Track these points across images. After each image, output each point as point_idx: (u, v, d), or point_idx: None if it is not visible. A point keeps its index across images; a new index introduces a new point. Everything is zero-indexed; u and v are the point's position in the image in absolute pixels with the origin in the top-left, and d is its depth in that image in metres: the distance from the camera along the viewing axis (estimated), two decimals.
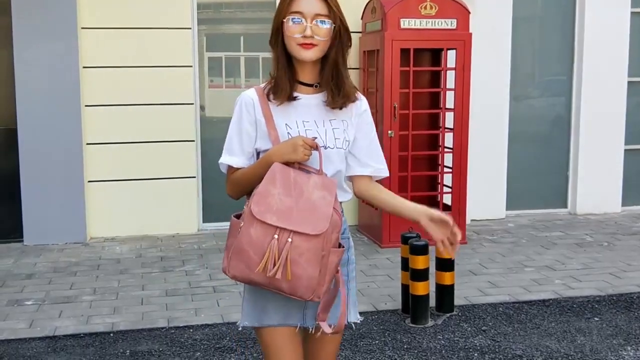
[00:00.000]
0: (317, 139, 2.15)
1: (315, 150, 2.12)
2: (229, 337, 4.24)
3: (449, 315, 4.58)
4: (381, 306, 4.73)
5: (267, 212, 2.03)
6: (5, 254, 6.12)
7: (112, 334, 4.29)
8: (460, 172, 6.33)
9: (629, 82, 7.60)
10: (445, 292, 4.59)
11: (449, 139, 6.39)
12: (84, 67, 6.44)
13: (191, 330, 4.36)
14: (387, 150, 5.95)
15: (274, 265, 1.99)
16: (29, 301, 4.90)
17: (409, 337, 4.23)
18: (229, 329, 4.36)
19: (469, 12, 6.25)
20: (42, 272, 5.60)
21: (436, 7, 6.11)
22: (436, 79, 6.57)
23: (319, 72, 2.20)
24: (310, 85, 2.21)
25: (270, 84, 2.20)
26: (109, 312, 4.67)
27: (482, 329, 4.38)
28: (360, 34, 6.69)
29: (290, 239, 2.01)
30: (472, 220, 7.12)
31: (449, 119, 6.37)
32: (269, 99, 2.19)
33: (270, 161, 2.10)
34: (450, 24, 6.16)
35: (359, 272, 5.28)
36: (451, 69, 6.25)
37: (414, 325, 4.40)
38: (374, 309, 4.68)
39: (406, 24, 6.10)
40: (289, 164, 2.11)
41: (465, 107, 6.26)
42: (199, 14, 6.83)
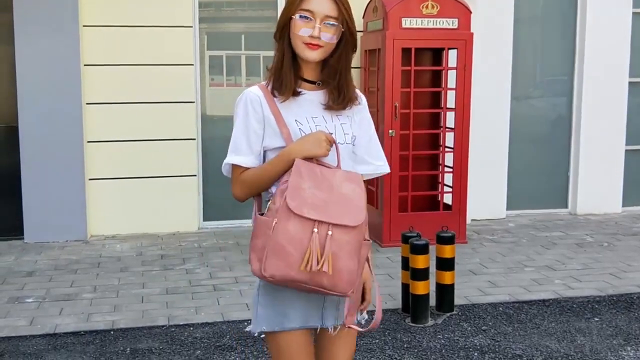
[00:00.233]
0: (332, 134, 2.13)
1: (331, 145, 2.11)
2: (229, 336, 4.24)
3: (449, 314, 4.58)
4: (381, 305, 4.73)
5: (303, 206, 1.97)
6: (6, 252, 6.12)
7: (112, 332, 4.29)
8: (460, 171, 6.33)
9: (630, 83, 7.59)
10: (445, 292, 4.59)
11: (449, 139, 6.39)
12: (85, 65, 6.44)
13: (191, 328, 4.36)
14: (388, 149, 5.96)
15: (317, 260, 1.95)
16: (29, 299, 4.90)
17: (409, 337, 4.24)
18: (229, 327, 4.36)
19: (471, 12, 6.25)
20: (42, 269, 5.60)
21: (437, 7, 6.11)
22: (437, 79, 6.57)
23: (321, 71, 2.19)
24: (312, 82, 2.19)
25: (271, 80, 2.16)
26: (109, 309, 4.67)
27: (482, 328, 4.38)
28: (361, 33, 6.69)
29: (330, 232, 1.97)
30: (472, 219, 7.12)
31: (449, 119, 6.37)
32: (274, 96, 2.15)
33: (289, 157, 2.05)
34: (451, 23, 6.16)
35: None
36: (452, 69, 6.24)
37: (414, 324, 4.41)
38: (374, 308, 4.66)
39: (407, 23, 6.10)
40: (308, 159, 2.06)
41: (466, 106, 6.26)
42: (200, 13, 6.83)
